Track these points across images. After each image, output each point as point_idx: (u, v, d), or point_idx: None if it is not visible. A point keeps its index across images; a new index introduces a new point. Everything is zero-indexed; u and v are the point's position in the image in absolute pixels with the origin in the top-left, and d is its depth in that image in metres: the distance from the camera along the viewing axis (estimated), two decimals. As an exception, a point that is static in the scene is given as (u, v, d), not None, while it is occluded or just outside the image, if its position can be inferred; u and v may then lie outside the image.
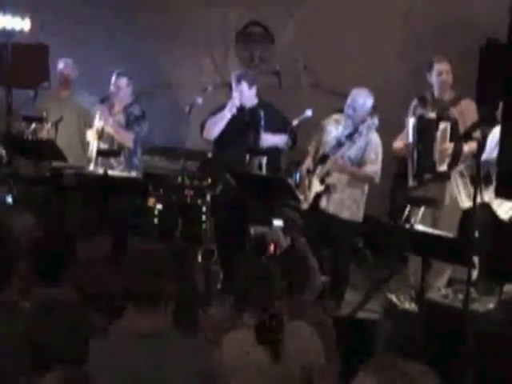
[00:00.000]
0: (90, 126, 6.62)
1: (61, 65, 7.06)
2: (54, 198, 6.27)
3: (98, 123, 6.51)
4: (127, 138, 6.51)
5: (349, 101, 5.80)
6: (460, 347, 4.34)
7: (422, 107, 5.89)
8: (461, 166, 5.69)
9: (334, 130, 5.91)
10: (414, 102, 5.95)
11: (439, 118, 5.75)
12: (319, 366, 3.26)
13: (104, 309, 3.18)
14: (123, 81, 6.56)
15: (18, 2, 7.71)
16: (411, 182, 5.82)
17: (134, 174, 6.42)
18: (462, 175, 5.63)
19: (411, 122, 5.82)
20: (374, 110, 5.78)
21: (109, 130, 6.50)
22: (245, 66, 8.02)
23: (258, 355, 3.15)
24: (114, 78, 6.56)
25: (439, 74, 5.81)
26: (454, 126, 5.69)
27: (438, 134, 5.70)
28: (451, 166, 5.68)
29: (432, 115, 5.79)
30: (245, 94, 6.23)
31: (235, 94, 6.24)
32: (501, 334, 4.64)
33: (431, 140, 5.71)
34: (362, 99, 5.76)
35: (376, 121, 5.67)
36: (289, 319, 3.25)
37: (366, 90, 5.81)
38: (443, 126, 5.71)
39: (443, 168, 5.69)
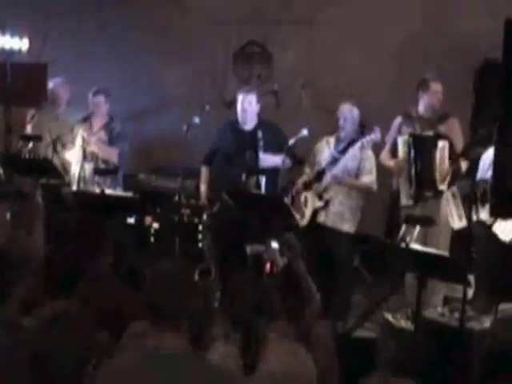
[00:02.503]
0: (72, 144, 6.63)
1: (51, 84, 7.06)
2: (55, 216, 6.28)
3: (79, 143, 6.54)
4: (112, 154, 6.57)
5: (339, 113, 6.03)
6: (458, 365, 4.36)
7: (407, 125, 5.95)
8: (453, 188, 5.74)
9: (327, 149, 6.09)
10: (399, 120, 6.01)
11: (437, 136, 5.81)
12: None
13: (111, 326, 3.19)
14: (101, 98, 6.59)
15: (20, 21, 7.75)
16: (405, 201, 5.87)
17: (119, 190, 6.45)
18: (454, 196, 5.68)
19: (401, 140, 5.87)
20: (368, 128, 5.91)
21: (92, 148, 6.53)
22: (243, 85, 8.05)
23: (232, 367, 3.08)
24: (90, 96, 6.58)
25: (435, 94, 5.88)
26: (451, 144, 5.76)
27: (437, 152, 5.75)
28: (450, 184, 5.73)
29: (429, 133, 5.85)
30: (253, 107, 6.26)
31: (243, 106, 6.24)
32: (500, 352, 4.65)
33: (430, 158, 5.75)
34: (349, 110, 6.00)
35: (378, 134, 5.81)
36: (279, 340, 3.23)
37: (349, 102, 6.05)
38: (442, 144, 5.74)
39: (443, 187, 5.74)
